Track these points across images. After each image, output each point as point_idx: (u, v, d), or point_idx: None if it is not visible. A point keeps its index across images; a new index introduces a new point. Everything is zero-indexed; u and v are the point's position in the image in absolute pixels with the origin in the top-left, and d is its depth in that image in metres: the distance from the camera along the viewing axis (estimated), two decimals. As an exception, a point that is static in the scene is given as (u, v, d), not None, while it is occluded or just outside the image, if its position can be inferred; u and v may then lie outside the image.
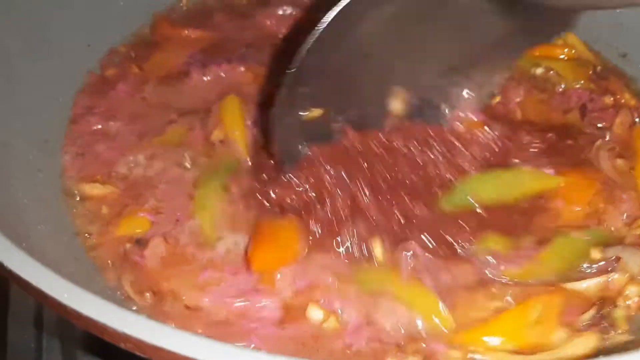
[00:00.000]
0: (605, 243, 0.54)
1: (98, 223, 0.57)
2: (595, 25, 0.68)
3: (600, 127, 0.62)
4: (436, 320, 0.49)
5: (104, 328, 0.34)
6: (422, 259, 0.52)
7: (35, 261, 0.37)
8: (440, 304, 0.49)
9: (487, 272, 0.52)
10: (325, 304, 0.50)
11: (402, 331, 0.49)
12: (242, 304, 0.50)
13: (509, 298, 0.50)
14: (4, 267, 0.36)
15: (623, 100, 0.64)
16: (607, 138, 0.60)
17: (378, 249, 0.52)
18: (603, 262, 0.52)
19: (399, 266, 0.52)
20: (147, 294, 0.51)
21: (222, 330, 0.48)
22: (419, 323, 0.49)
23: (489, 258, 0.52)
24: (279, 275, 0.51)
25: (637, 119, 0.62)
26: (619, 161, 0.58)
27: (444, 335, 0.49)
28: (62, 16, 0.66)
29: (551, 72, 0.66)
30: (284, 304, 0.50)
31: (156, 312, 0.50)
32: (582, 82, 0.66)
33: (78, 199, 0.58)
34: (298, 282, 0.51)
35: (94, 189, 0.59)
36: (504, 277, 0.51)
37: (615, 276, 0.51)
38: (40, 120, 0.61)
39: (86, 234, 0.56)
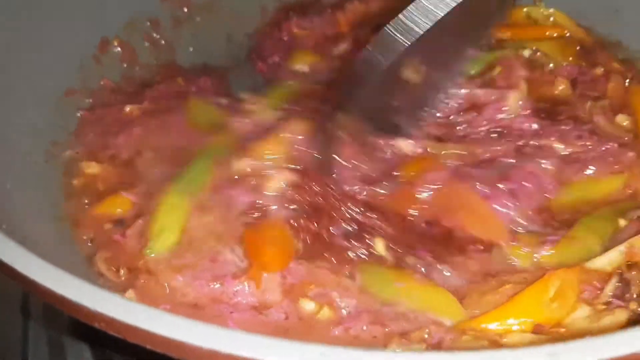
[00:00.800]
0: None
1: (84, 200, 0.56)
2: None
3: (594, 97, 0.60)
4: (446, 313, 0.46)
5: (74, 305, 0.33)
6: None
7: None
8: (451, 296, 0.47)
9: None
10: (318, 296, 0.47)
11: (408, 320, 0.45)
12: (218, 286, 0.47)
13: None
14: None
15: (612, 69, 0.63)
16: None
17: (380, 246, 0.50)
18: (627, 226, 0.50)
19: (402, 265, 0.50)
20: (122, 271, 0.49)
21: (196, 312, 0.46)
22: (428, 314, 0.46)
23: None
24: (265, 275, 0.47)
25: (627, 81, 0.62)
26: (620, 116, 0.58)
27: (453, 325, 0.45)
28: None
29: (538, 53, 0.65)
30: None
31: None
32: (570, 59, 0.64)
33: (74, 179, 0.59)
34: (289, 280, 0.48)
35: (90, 168, 0.59)
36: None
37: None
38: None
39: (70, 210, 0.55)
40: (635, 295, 0.46)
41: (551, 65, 0.65)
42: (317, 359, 0.29)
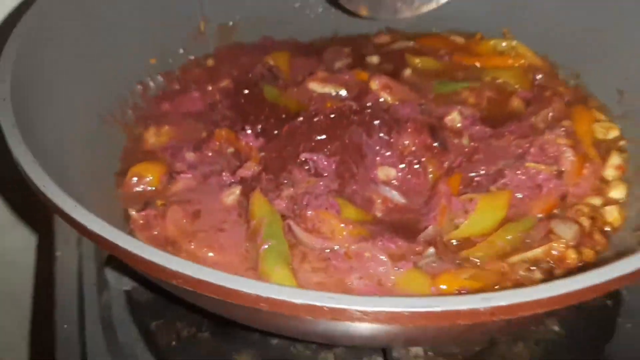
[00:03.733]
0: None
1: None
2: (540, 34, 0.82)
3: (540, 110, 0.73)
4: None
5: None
6: None
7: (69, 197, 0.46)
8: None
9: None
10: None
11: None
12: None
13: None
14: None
15: (559, 92, 0.76)
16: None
17: None
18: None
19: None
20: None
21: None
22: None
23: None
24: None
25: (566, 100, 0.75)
26: (566, 122, 0.70)
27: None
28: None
29: (498, 80, 0.78)
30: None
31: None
32: (526, 84, 0.78)
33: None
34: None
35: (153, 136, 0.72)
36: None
37: (554, 245, 0.60)
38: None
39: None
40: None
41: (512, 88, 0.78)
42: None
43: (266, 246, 0.57)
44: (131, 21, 0.75)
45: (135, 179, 0.67)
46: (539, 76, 0.78)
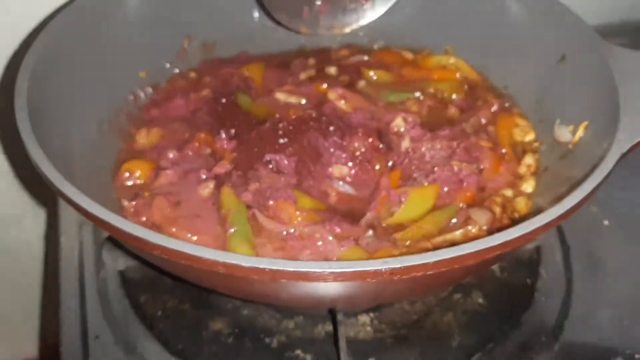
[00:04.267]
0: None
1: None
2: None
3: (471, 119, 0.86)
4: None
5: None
6: None
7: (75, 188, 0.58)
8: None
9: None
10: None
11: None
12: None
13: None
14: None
15: (489, 101, 0.89)
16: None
17: None
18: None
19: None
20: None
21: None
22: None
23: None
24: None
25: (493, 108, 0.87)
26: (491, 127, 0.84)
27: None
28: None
29: (438, 91, 0.90)
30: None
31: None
32: (461, 95, 0.91)
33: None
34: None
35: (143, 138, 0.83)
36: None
37: (469, 228, 0.72)
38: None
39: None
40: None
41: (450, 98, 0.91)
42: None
43: (232, 230, 0.70)
44: (126, 41, 0.86)
45: (127, 173, 0.78)
46: (471, 87, 0.91)
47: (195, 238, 0.71)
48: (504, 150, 0.82)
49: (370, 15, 0.91)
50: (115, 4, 0.86)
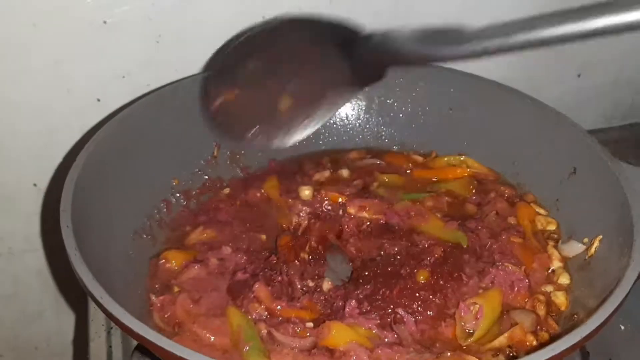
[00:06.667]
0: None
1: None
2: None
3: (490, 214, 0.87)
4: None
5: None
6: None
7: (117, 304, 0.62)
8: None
9: None
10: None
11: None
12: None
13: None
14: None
15: (501, 192, 0.92)
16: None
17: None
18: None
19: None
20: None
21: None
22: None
23: None
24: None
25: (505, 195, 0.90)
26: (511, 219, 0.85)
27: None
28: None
29: (450, 190, 0.93)
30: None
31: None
32: (473, 191, 0.93)
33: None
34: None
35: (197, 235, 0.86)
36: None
37: (515, 332, 0.71)
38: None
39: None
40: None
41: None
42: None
43: (247, 348, 0.70)
44: (161, 150, 0.90)
45: (163, 260, 0.81)
46: (481, 182, 0.94)
47: (213, 339, 0.72)
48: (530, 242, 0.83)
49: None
50: (156, 111, 0.89)
